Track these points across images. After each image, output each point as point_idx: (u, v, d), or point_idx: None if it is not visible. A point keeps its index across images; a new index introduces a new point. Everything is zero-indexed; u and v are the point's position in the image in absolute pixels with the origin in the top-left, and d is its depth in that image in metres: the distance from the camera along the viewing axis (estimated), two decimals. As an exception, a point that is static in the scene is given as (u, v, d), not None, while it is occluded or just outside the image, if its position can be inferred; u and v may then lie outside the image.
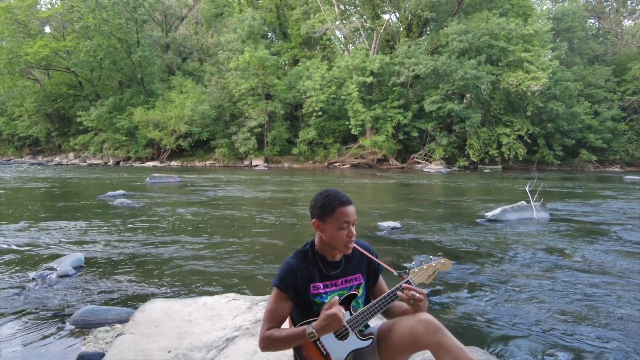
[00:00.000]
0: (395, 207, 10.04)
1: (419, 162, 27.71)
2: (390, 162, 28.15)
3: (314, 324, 1.54)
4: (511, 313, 3.47)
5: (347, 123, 27.83)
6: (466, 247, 5.79)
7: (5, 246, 5.59)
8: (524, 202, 8.31)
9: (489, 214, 7.92)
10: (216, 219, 7.92)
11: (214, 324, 2.59)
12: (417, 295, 1.56)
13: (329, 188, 1.73)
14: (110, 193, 11.29)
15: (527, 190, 8.72)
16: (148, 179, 15.91)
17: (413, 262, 1.69)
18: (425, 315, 1.54)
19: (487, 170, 25.51)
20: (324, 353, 1.60)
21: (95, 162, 32.33)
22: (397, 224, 7.04)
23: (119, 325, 3.10)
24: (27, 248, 5.52)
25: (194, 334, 2.46)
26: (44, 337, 2.97)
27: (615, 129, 28.92)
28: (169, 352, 2.26)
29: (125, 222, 7.46)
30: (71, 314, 3.30)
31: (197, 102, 29.41)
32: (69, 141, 34.71)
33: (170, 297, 3.65)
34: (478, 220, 7.83)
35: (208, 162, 30.74)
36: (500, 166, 27.19)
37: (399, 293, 1.58)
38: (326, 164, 28.86)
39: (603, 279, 4.38)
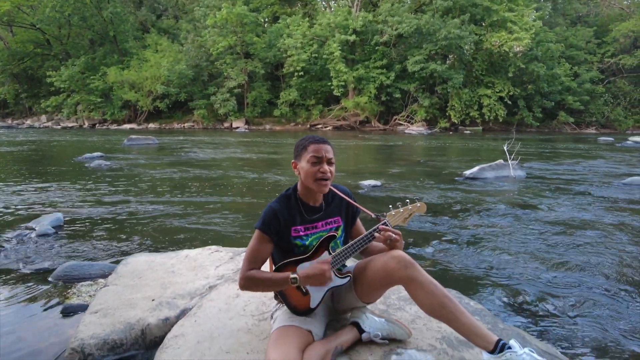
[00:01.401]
0: (377, 167, 10.14)
1: (401, 124, 27.74)
2: (373, 123, 28.10)
3: (300, 271, 1.59)
4: (485, 260, 3.65)
5: (330, 84, 27.40)
6: (443, 202, 5.96)
7: (-21, 207, 5.47)
8: (501, 161, 8.51)
9: (467, 172, 8.11)
10: (196, 179, 7.87)
11: (196, 274, 2.64)
12: (394, 236, 1.62)
13: None
14: (87, 155, 11.01)
15: (505, 149, 8.90)
16: (126, 140, 15.55)
17: (390, 207, 1.74)
18: (398, 252, 1.60)
19: (468, 132, 25.79)
20: (304, 291, 1.66)
21: (70, 124, 31.15)
22: (377, 182, 7.15)
23: (102, 280, 3.13)
24: (3, 210, 5.41)
25: (177, 283, 2.51)
26: (27, 293, 2.98)
27: (593, 91, 29.29)
28: (153, 300, 2.31)
29: (103, 182, 7.35)
30: (53, 270, 3.31)
31: (173, 61, 28.33)
32: (40, 103, 33.13)
33: (152, 252, 3.68)
34: (456, 178, 8.01)
35: (187, 124, 30.04)
36: (480, 127, 27.49)
37: (376, 234, 1.64)
38: (308, 125, 28.60)
39: (571, 230, 4.62)
